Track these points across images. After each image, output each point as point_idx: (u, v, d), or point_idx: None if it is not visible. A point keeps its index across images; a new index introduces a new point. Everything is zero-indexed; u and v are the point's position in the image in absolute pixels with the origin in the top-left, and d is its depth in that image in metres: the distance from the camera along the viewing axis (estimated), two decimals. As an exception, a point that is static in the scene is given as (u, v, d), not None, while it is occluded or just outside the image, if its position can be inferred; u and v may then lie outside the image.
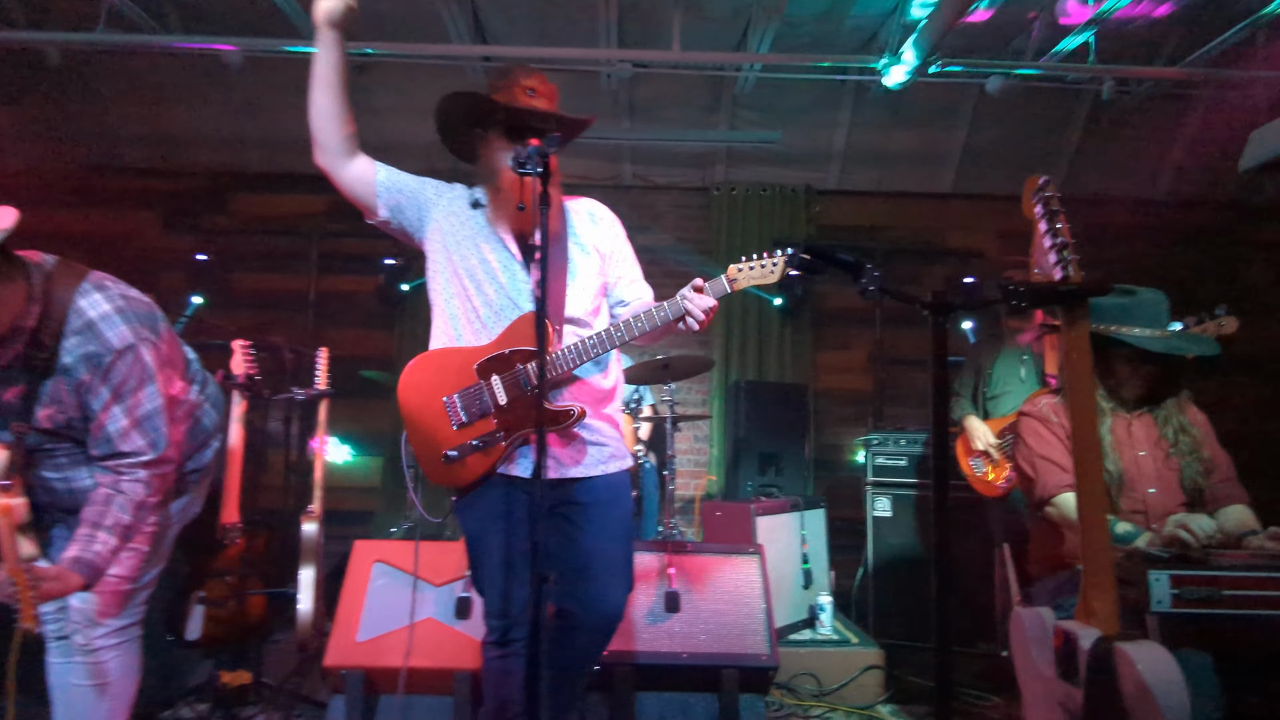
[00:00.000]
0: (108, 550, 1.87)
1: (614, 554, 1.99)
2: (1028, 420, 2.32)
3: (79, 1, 4.48)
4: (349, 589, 2.99)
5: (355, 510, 5.50)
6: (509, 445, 1.90)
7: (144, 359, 1.91)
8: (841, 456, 5.71)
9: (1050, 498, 2.15)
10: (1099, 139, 5.67)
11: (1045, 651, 1.34)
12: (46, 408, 1.86)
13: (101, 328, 1.86)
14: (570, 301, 1.96)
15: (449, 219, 2.00)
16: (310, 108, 1.90)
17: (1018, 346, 3.67)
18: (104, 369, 1.85)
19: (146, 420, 1.92)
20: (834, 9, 4.60)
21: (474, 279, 1.94)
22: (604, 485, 2.01)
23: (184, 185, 5.92)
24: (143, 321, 1.94)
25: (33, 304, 1.80)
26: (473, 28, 4.80)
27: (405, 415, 1.98)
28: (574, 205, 2.12)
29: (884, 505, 4.35)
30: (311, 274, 5.79)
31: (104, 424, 1.88)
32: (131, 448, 1.91)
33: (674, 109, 5.65)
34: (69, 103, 5.47)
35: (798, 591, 3.86)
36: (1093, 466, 1.30)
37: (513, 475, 1.94)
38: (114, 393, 1.87)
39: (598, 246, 2.05)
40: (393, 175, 2.01)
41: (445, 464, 1.92)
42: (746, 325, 5.76)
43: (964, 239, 6.03)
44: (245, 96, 5.48)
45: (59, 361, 1.84)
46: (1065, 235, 1.37)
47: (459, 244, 1.97)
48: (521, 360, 1.88)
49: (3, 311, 1.77)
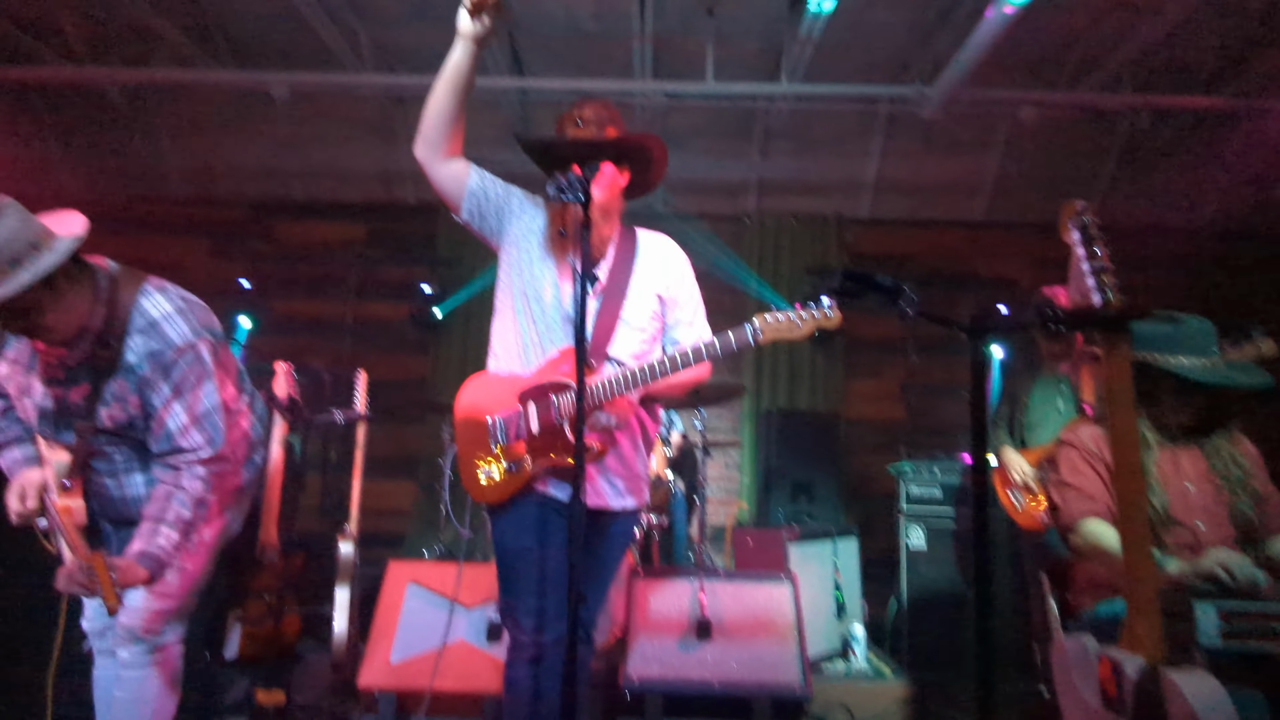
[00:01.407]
0: (170, 545, 1.93)
1: (603, 584, 2.10)
2: (1065, 448, 2.28)
3: (138, 39, 4.70)
4: (383, 610, 3.02)
5: (389, 533, 5.55)
6: (535, 473, 1.94)
7: (203, 357, 1.99)
8: (874, 486, 5.63)
9: (1073, 525, 2.10)
10: (1136, 166, 5.62)
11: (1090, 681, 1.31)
12: (109, 407, 1.93)
13: (164, 326, 1.94)
14: (617, 341, 1.97)
15: (525, 235, 2.03)
16: (429, 101, 1.94)
17: (1055, 375, 3.60)
18: (166, 366, 1.93)
19: (205, 417, 2.00)
20: (866, 38, 4.65)
21: (538, 301, 1.98)
22: (615, 521, 2.05)
23: (230, 214, 6.12)
24: (201, 322, 2.02)
25: (98, 305, 1.89)
26: (511, 61, 4.93)
27: (457, 428, 2.05)
28: (648, 241, 2.10)
29: (918, 536, 4.28)
30: (349, 300, 5.92)
31: (165, 420, 1.95)
32: (190, 444, 1.98)
33: (706, 138, 5.73)
34: (125, 135, 5.72)
35: (830, 621, 3.80)
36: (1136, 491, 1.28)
37: (545, 493, 1.98)
38: (174, 389, 1.94)
39: (661, 292, 2.04)
40: (484, 181, 2.03)
41: (481, 482, 1.98)
42: (777, 352, 5.75)
43: (997, 267, 5.98)
44: (289, 128, 5.67)
45: (123, 360, 1.92)
46: (1104, 260, 1.37)
47: (529, 261, 2.01)
48: (555, 391, 1.92)
49: (71, 313, 1.85)
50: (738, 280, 5.87)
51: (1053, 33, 4.51)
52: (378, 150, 5.78)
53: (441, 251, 5.86)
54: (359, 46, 4.76)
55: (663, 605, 3.07)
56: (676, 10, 4.45)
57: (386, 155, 5.80)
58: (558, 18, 4.56)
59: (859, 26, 4.50)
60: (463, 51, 1.90)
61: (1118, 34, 4.47)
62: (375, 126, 5.65)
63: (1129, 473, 1.30)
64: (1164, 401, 2.11)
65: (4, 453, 2.09)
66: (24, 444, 2.08)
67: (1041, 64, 4.82)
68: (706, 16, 4.49)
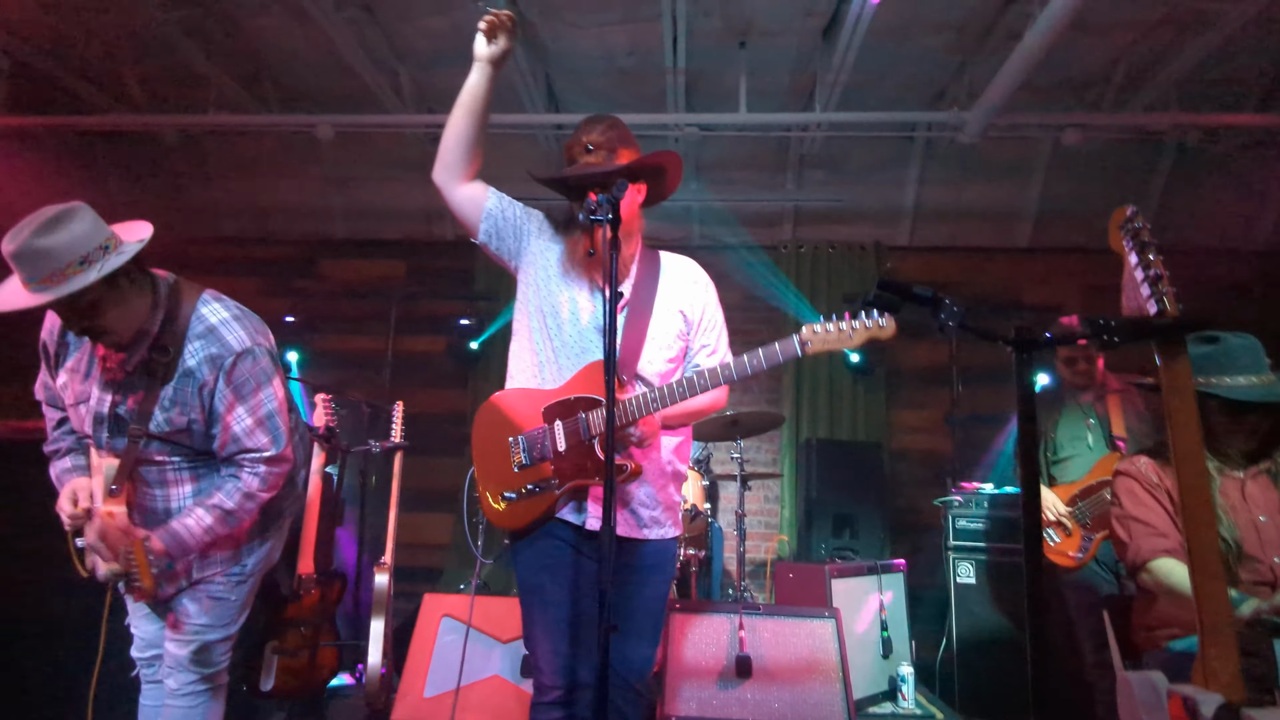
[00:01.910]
0: (199, 528, 1.96)
1: (645, 620, 1.96)
2: (1123, 479, 2.17)
3: (193, 87, 4.91)
4: (417, 643, 2.98)
5: (426, 567, 5.54)
6: (561, 494, 1.87)
7: (261, 361, 2.04)
8: (919, 519, 5.46)
9: (1144, 563, 1.99)
10: (1186, 188, 5.46)
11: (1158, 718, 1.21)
12: (168, 411, 1.97)
13: (222, 331, 1.99)
14: (645, 357, 1.92)
15: (543, 255, 2.01)
16: (448, 126, 1.97)
17: (1080, 406, 3.45)
18: (226, 370, 1.97)
19: (268, 419, 2.04)
20: (900, 66, 4.63)
21: (555, 318, 1.95)
22: (653, 551, 1.96)
23: (278, 252, 6.30)
24: (258, 329, 2.07)
25: (157, 310, 1.95)
26: (547, 98, 5.02)
27: (474, 450, 1.99)
28: (672, 263, 2.08)
29: (966, 571, 4.11)
30: (389, 334, 6.01)
31: (230, 425, 1.99)
32: (255, 444, 2.02)
33: (741, 169, 5.74)
34: (181, 179, 5.95)
35: (877, 661, 3.65)
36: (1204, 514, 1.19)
37: (568, 521, 1.91)
38: (236, 393, 1.99)
39: (685, 310, 2.01)
40: (501, 204, 2.03)
41: (502, 505, 1.92)
42: (817, 382, 5.66)
43: (1043, 294, 5.83)
44: (334, 169, 5.85)
45: (183, 365, 1.97)
46: (1159, 267, 1.30)
47: (548, 281, 1.99)
48: (585, 408, 1.86)
49: (131, 315, 1.91)
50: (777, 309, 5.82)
51: (1096, 53, 4.43)
52: (418, 188, 5.91)
53: (478, 286, 5.94)
54: (400, 88, 4.90)
55: (701, 641, 2.98)
56: (708, 44, 4.50)
57: (427, 193, 5.86)
58: (593, 54, 4.64)
59: (893, 54, 4.48)
60: (480, 74, 1.93)
61: (1163, 52, 4.37)
62: (416, 165, 5.79)
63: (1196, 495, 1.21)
64: (1216, 427, 2.00)
65: (56, 462, 2.15)
66: (75, 454, 2.14)
67: (1085, 85, 4.74)
68: (738, 49, 4.53)
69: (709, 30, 4.38)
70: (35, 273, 1.77)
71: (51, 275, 1.76)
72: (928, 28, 4.28)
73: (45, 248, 1.75)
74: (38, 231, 1.76)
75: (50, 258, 1.76)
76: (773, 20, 4.30)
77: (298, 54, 4.70)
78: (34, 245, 1.75)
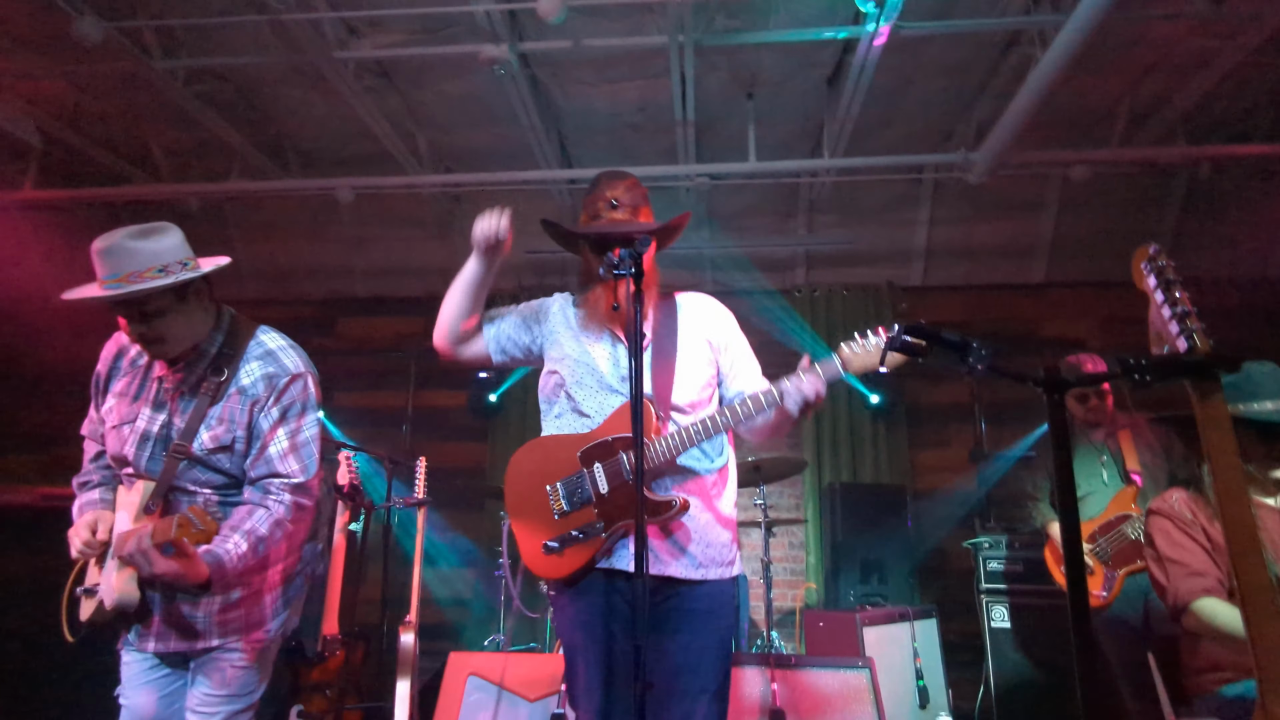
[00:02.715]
0: (237, 553, 1.93)
1: (705, 672, 1.82)
2: (1157, 520, 2.13)
3: (216, 155, 5.06)
4: (444, 704, 2.93)
5: (448, 624, 5.48)
6: (609, 537, 1.84)
7: (310, 388, 2.09)
8: (948, 562, 5.35)
9: (1185, 605, 1.93)
10: (1200, 217, 5.47)
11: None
12: (213, 428, 1.99)
13: (280, 355, 2.07)
14: (677, 389, 1.92)
15: (556, 329, 2.08)
16: (446, 303, 2.09)
17: (1092, 444, 3.42)
18: (279, 389, 2.02)
19: (304, 446, 2.06)
20: (905, 110, 4.71)
21: (575, 374, 1.97)
22: (705, 594, 1.88)
23: (296, 313, 6.40)
24: (309, 363, 2.14)
25: (217, 333, 2.04)
26: (559, 153, 5.14)
27: (509, 501, 1.98)
28: (688, 300, 2.13)
29: (1001, 615, 4.02)
30: (409, 390, 6.06)
31: (267, 445, 2.01)
32: (286, 469, 2.02)
33: (752, 217, 5.81)
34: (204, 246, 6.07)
35: (914, 713, 3.55)
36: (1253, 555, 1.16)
37: (613, 569, 1.86)
38: (282, 414, 2.03)
39: (709, 339, 2.03)
40: (500, 332, 2.11)
41: (545, 554, 1.88)
42: (837, 425, 5.62)
43: (1061, 328, 5.80)
44: (353, 229, 5.97)
45: (237, 383, 2.02)
46: (1186, 304, 1.30)
47: (565, 344, 2.03)
48: (624, 448, 1.84)
49: (191, 331, 1.99)
50: (794, 352, 5.82)
51: (1100, 92, 4.49)
52: (435, 245, 6.02)
53: (497, 339, 5.98)
54: (417, 150, 5.04)
55: (732, 695, 2.90)
56: (716, 96, 4.60)
57: (444, 250, 6.04)
58: (604, 111, 4.76)
59: (898, 98, 4.57)
60: (478, 265, 2.05)
61: (1166, 89, 4.43)
62: (433, 223, 5.91)
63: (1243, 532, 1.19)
64: (1251, 453, 1.98)
65: (83, 494, 2.15)
66: (105, 488, 2.15)
67: (1092, 123, 4.79)
68: (746, 99, 4.63)
69: (716, 83, 4.49)
70: (115, 269, 1.87)
71: (130, 275, 1.86)
72: (931, 71, 4.37)
73: (131, 248, 1.88)
74: (130, 234, 1.90)
75: (133, 257, 1.87)
76: (778, 71, 4.40)
77: (318, 120, 4.85)
78: (123, 244, 1.87)
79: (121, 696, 2.08)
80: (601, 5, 3.70)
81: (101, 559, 2.03)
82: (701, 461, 1.94)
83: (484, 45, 3.84)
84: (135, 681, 2.07)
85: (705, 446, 1.94)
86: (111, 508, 2.10)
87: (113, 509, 2.09)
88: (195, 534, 1.78)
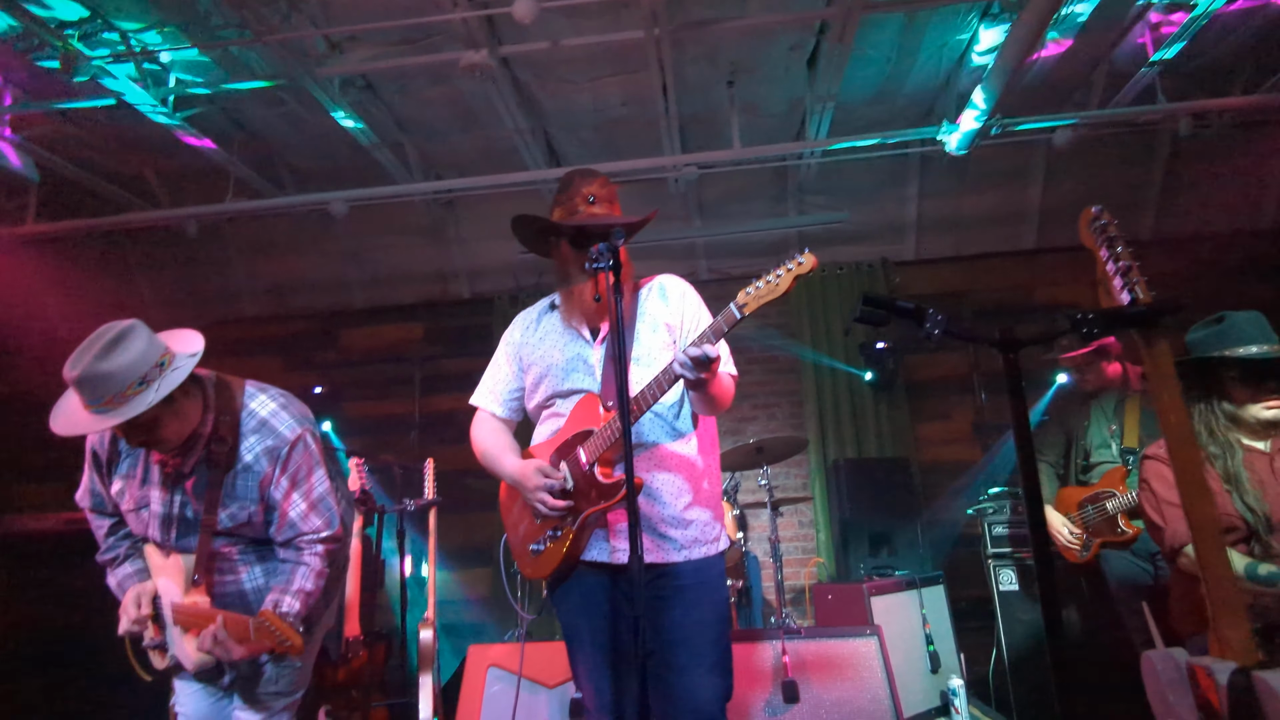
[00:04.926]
0: (293, 615, 2.01)
1: (703, 646, 1.86)
2: (1152, 464, 2.19)
3: (211, 180, 5.14)
4: (466, 695, 3.02)
5: (469, 623, 5.57)
6: (576, 529, 1.90)
7: (311, 447, 2.12)
8: (956, 531, 5.41)
9: (1180, 546, 2.00)
10: (1186, 175, 5.49)
11: (1184, 696, 1.23)
12: (229, 508, 2.05)
13: (274, 423, 2.08)
14: (632, 381, 1.90)
15: (530, 341, 2.17)
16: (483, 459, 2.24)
17: (1104, 412, 3.45)
18: (283, 460, 2.06)
19: (321, 501, 2.12)
20: (887, 88, 4.75)
21: (553, 376, 2.06)
22: (692, 570, 1.92)
23: (297, 328, 6.50)
24: (304, 415, 2.17)
25: (208, 413, 2.04)
26: (546, 153, 5.20)
27: (503, 514, 2.10)
28: (648, 287, 2.16)
29: (1009, 578, 4.08)
30: (415, 396, 6.14)
31: (287, 511, 2.07)
32: (311, 528, 2.09)
33: (741, 203, 5.86)
34: (202, 267, 6.19)
35: (925, 677, 3.62)
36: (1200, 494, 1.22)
37: (597, 561, 1.93)
38: (292, 481, 2.07)
39: (668, 321, 2.07)
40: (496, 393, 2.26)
41: (532, 557, 1.99)
42: (839, 403, 5.67)
43: (1054, 293, 5.85)
44: (349, 242, 6.05)
45: (241, 460, 2.04)
46: (1128, 259, 1.35)
47: (541, 351, 2.12)
48: (579, 442, 1.93)
49: (186, 423, 1.99)
50: (791, 335, 5.88)
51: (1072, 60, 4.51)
52: (431, 251, 6.10)
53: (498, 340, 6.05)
54: (407, 159, 5.11)
55: (745, 669, 2.99)
56: (698, 86, 4.65)
57: (439, 255, 6.12)
58: (587, 108, 4.82)
59: (877, 78, 4.61)
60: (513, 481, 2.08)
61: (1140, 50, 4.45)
62: (427, 230, 5.98)
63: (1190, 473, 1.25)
64: (1235, 394, 2.04)
65: (115, 570, 2.19)
66: (133, 560, 2.19)
67: (1071, 88, 4.81)
68: (727, 87, 4.68)
69: (697, 73, 4.54)
70: (97, 396, 1.84)
71: (113, 398, 1.83)
72: (908, 47, 4.40)
73: (106, 372, 1.82)
74: (98, 356, 1.83)
75: (111, 381, 1.83)
76: (757, 57, 4.45)
77: (308, 136, 4.92)
78: (96, 371, 1.82)
79: (177, 706, 2.21)
80: (578, 4, 3.76)
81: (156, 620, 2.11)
82: (668, 440, 1.98)
83: (464, 52, 3.90)
84: (186, 691, 2.21)
85: (675, 425, 2.00)
86: (146, 576, 2.16)
87: (147, 576, 2.15)
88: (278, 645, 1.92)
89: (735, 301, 1.75)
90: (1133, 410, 3.38)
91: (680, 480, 1.96)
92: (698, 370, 1.73)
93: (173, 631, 2.09)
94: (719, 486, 2.10)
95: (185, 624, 2.05)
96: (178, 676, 2.21)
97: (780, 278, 1.72)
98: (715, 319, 1.77)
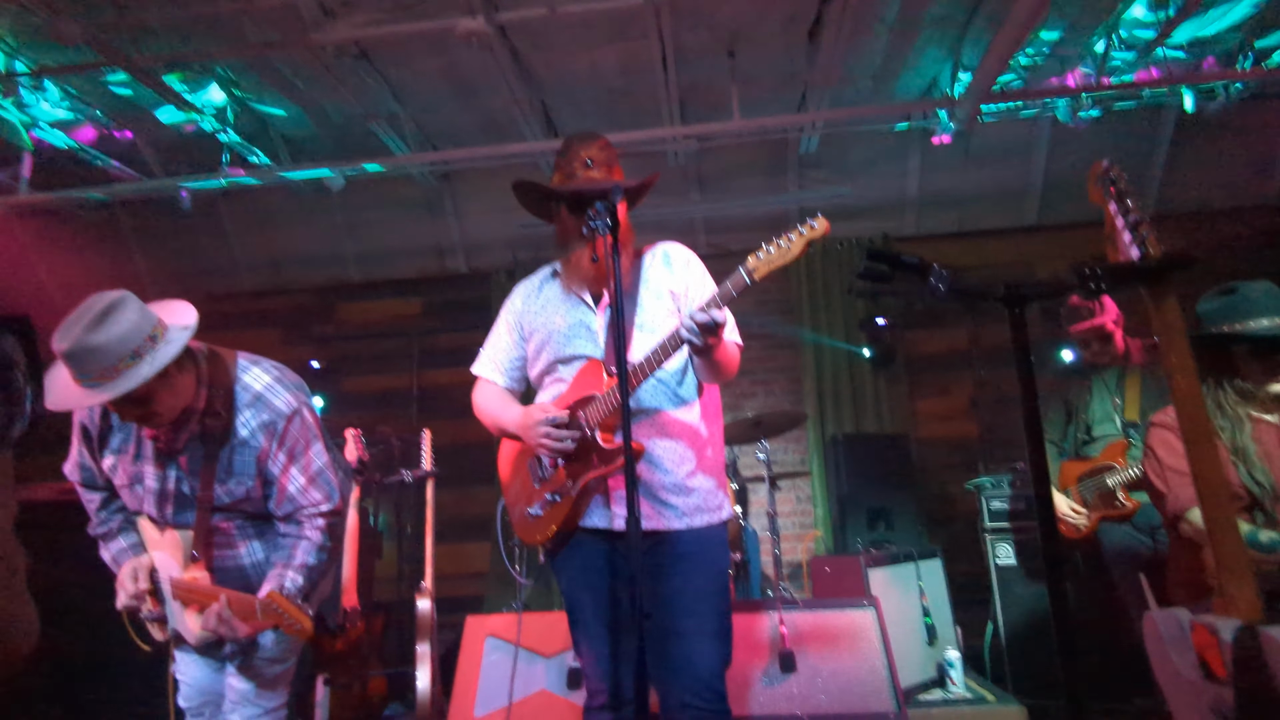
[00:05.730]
0: (296, 589, 2.00)
1: (702, 613, 1.85)
2: (1158, 431, 2.18)
3: (206, 150, 5.08)
4: (464, 665, 3.03)
5: (467, 596, 5.59)
6: (577, 494, 1.89)
7: (307, 420, 2.09)
8: (954, 506, 5.42)
9: (1183, 511, 1.99)
10: (1191, 150, 5.44)
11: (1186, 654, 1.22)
12: (226, 484, 2.02)
13: (269, 397, 2.04)
14: (636, 347, 1.93)
15: (532, 309, 2.14)
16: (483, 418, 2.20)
17: (1106, 385, 3.43)
18: (279, 434, 2.02)
19: (319, 475, 2.09)
20: (889, 63, 4.69)
21: (554, 342, 2.03)
22: (694, 538, 1.90)
23: (295, 302, 6.46)
24: (298, 387, 2.13)
25: (201, 387, 1.99)
26: (544, 125, 5.13)
27: (502, 478, 2.08)
28: (651, 253, 2.13)
29: (1006, 552, 4.08)
30: (413, 370, 6.12)
31: (286, 486, 2.04)
32: (310, 501, 2.07)
33: (742, 177, 5.80)
34: (198, 239, 6.14)
35: (922, 648, 3.63)
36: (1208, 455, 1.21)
37: (597, 527, 1.92)
38: (289, 455, 2.04)
39: (671, 288, 2.04)
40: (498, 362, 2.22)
41: (530, 521, 1.98)
42: (838, 378, 5.66)
43: (1057, 269, 5.82)
44: (345, 215, 6.00)
45: (236, 435, 2.00)
46: (1137, 213, 1.33)
47: (543, 318, 2.09)
48: (581, 407, 1.91)
49: (179, 398, 1.94)
50: (792, 310, 5.86)
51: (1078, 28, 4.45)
52: (428, 225, 6.05)
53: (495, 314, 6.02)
54: (402, 130, 5.04)
55: (742, 640, 2.99)
56: (698, 57, 4.58)
57: (436, 229, 6.06)
58: (585, 78, 4.75)
59: (879, 49, 4.54)
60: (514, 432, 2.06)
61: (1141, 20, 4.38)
62: (424, 203, 5.93)
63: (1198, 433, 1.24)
64: (1245, 369, 2.02)
65: (109, 544, 2.16)
66: (127, 533, 2.16)
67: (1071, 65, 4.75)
68: (727, 58, 4.61)
69: (696, 43, 4.47)
70: (88, 370, 1.77)
71: (104, 372, 1.77)
72: (909, 21, 4.33)
73: (97, 345, 1.75)
74: (88, 328, 1.76)
75: (102, 354, 1.76)
76: (757, 27, 4.38)
77: (303, 106, 4.86)
78: (86, 343, 1.75)
79: (178, 673, 2.21)
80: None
81: (155, 594, 2.09)
82: (670, 407, 1.96)
83: (460, 19, 3.83)
84: (186, 658, 2.20)
85: (678, 391, 1.97)
86: (141, 550, 2.13)
87: (143, 550, 2.13)
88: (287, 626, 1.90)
89: (744, 265, 1.71)
90: (1134, 384, 3.36)
91: (682, 447, 1.94)
92: (704, 336, 1.70)
93: (173, 605, 2.08)
94: (722, 455, 2.08)
95: (185, 600, 2.04)
96: (178, 647, 2.20)
97: (792, 241, 1.67)
98: (724, 283, 1.74)
